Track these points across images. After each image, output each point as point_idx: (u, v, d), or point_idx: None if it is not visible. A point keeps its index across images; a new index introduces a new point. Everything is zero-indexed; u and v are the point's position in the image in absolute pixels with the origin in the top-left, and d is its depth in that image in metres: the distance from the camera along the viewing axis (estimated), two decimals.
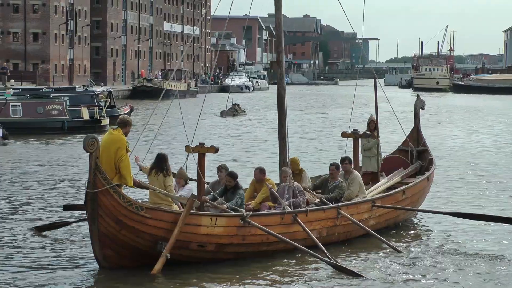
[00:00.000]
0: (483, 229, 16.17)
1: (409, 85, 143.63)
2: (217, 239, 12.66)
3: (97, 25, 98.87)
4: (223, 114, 52.81)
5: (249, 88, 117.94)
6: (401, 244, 14.72)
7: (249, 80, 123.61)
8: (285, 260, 13.17)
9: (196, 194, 13.24)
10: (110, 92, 48.46)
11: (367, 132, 17.05)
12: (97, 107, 42.03)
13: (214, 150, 13.78)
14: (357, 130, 16.90)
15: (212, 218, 12.62)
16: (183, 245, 12.42)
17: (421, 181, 16.73)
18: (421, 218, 17.24)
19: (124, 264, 12.36)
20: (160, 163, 13.07)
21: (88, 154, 11.74)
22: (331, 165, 15.48)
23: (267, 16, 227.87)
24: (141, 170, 13.69)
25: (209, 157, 14.23)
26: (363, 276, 12.33)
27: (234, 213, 12.96)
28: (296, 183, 14.31)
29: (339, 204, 14.42)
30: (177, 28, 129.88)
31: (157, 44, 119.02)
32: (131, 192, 14.17)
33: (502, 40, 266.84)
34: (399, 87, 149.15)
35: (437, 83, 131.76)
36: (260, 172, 14.69)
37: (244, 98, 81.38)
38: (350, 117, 19.22)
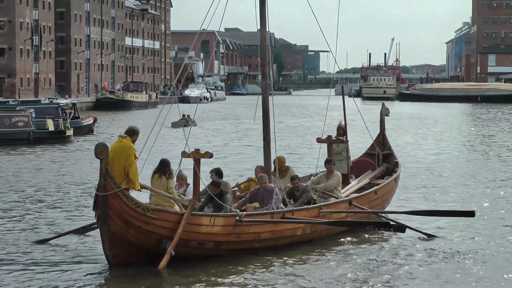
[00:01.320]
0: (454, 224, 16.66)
1: (358, 94, 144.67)
2: (215, 237, 13.20)
3: (61, 40, 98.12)
4: (174, 125, 50.41)
5: (207, 99, 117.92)
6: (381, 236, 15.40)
7: (207, 91, 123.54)
8: (272, 256, 13.67)
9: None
10: (74, 104, 48.12)
11: (340, 137, 17.60)
12: (61, 119, 41.69)
13: (209, 155, 14.08)
14: (331, 136, 17.45)
15: (211, 218, 13.17)
16: (185, 243, 12.89)
17: (390, 182, 17.45)
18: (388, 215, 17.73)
19: (131, 261, 12.74)
20: (163, 168, 13.46)
21: (98, 160, 12.14)
22: (292, 180, 15.53)
23: (224, 30, 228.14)
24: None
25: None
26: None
27: (230, 213, 13.47)
28: (274, 185, 14.60)
29: (321, 204, 15.06)
30: (138, 42, 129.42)
31: (119, 57, 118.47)
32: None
33: (444, 51, 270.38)
34: (349, 96, 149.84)
35: (384, 92, 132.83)
36: (261, 170, 15.23)
37: (203, 108, 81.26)
38: (324, 124, 19.48)
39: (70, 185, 23.26)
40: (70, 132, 41.16)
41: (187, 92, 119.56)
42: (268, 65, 16.84)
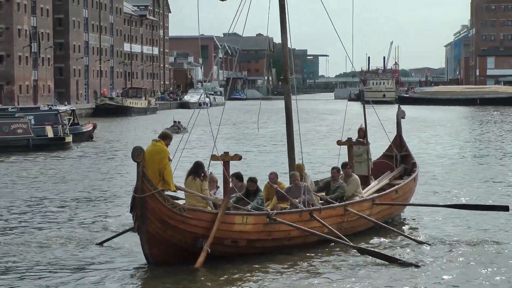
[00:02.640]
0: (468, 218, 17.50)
1: (357, 98, 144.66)
2: (247, 235, 13.64)
3: (60, 46, 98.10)
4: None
5: (206, 104, 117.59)
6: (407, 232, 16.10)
7: (207, 97, 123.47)
8: (305, 253, 14.15)
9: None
10: (73, 111, 48.04)
11: (361, 140, 17.93)
12: (61, 125, 41.59)
13: (238, 158, 14.34)
14: (351, 138, 17.83)
15: (244, 216, 13.62)
16: (218, 241, 13.27)
17: (410, 182, 17.98)
18: (409, 214, 18.38)
19: (168, 261, 13.14)
20: (197, 169, 13.95)
21: (136, 163, 12.55)
22: (332, 168, 16.46)
23: (222, 35, 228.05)
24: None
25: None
26: (393, 258, 13.49)
27: (262, 212, 13.93)
28: (305, 184, 15.17)
29: (346, 202, 15.64)
30: (136, 48, 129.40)
31: (117, 64, 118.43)
32: None
33: (443, 55, 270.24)
34: (348, 100, 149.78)
35: (384, 95, 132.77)
36: (275, 176, 15.57)
37: (203, 113, 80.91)
38: (343, 127, 19.75)
39: (69, 192, 23.16)
40: (69, 139, 41.04)
41: (186, 97, 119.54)
42: (288, 71, 17.20)
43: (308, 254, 14.06)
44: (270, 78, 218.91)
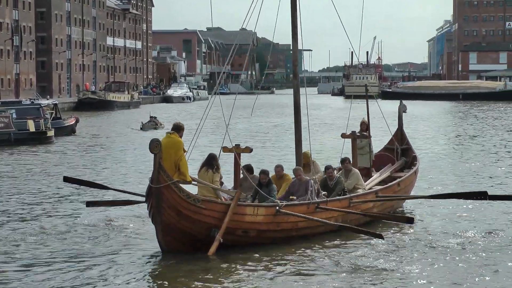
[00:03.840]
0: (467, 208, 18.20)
1: (340, 92, 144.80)
2: (258, 226, 14.13)
3: (42, 40, 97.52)
4: (144, 127, 49.19)
5: (190, 98, 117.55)
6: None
7: (190, 91, 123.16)
8: (312, 243, 14.64)
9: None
10: (55, 105, 47.71)
11: (364, 133, 18.38)
12: (43, 119, 41.26)
13: (249, 150, 15.04)
14: (355, 131, 18.23)
15: (254, 208, 14.15)
16: (231, 231, 13.77)
17: (411, 175, 18.44)
18: (410, 207, 18.73)
19: (181, 249, 13.60)
20: (210, 161, 14.42)
21: (153, 155, 12.96)
22: (326, 169, 16.60)
23: (206, 30, 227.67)
24: None
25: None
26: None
27: (271, 203, 14.38)
28: (308, 178, 15.37)
29: (351, 195, 16.05)
30: (119, 42, 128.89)
31: (100, 58, 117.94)
32: None
33: (426, 49, 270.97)
34: (332, 95, 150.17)
35: (367, 90, 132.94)
36: (281, 169, 15.99)
37: (187, 106, 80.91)
38: (348, 121, 19.86)
39: (51, 185, 22.98)
40: (51, 133, 40.74)
41: (169, 92, 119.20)
42: (297, 66, 17.37)
43: (314, 244, 14.53)
44: (254, 73, 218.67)
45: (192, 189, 14.33)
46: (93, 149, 37.40)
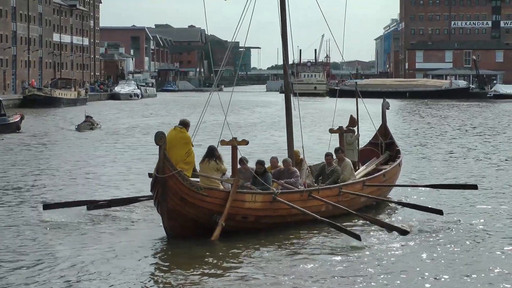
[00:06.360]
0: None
1: None
2: (255, 212, 15.15)
3: None
4: (79, 128, 46.12)
5: (137, 96, 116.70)
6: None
7: (138, 88, 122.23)
8: (305, 229, 15.64)
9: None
10: (0, 102, 46.88)
11: (351, 128, 19.62)
12: None
13: (245, 143, 16.60)
14: (342, 127, 19.60)
15: (252, 195, 15.17)
16: (231, 217, 14.74)
17: (395, 167, 19.80)
18: (395, 195, 20.00)
19: (186, 234, 14.51)
20: (211, 153, 15.38)
21: (158, 146, 13.88)
22: (326, 155, 17.89)
23: (154, 26, 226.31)
24: None
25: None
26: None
27: (268, 191, 15.43)
28: (294, 169, 16.72)
29: (340, 184, 17.16)
30: (66, 38, 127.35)
31: (47, 54, 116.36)
32: None
33: (373, 48, 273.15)
34: (280, 92, 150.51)
35: (315, 88, 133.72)
36: (277, 160, 17.15)
37: (134, 104, 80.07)
38: (334, 117, 21.25)
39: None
40: None
41: (117, 88, 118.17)
42: (286, 63, 18.25)
43: (307, 230, 15.49)
44: (202, 70, 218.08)
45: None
46: (38, 146, 36.79)
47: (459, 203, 18.99)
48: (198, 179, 15.20)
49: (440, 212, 16.49)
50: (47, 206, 17.06)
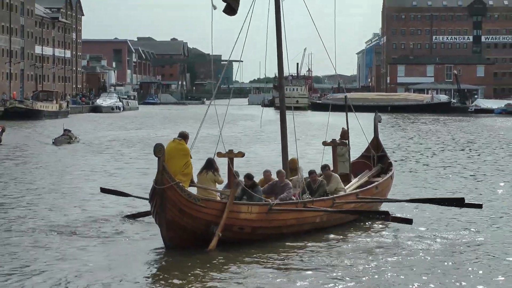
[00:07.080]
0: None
1: (271, 103, 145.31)
2: (251, 223, 15.33)
3: None
4: (56, 142, 44.68)
5: (119, 108, 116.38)
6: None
7: (120, 101, 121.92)
8: (300, 240, 15.92)
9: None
10: None
11: (344, 141, 19.88)
12: None
13: (241, 155, 16.89)
14: (335, 139, 19.85)
15: (249, 206, 15.35)
16: (227, 228, 14.91)
17: (387, 179, 19.99)
18: (387, 208, 19.85)
19: (184, 244, 14.66)
20: (210, 165, 15.77)
21: (157, 158, 14.04)
22: (310, 173, 17.91)
23: (136, 39, 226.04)
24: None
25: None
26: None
27: (264, 202, 15.69)
28: (287, 181, 16.84)
29: (334, 195, 17.39)
30: (48, 51, 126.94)
31: (28, 66, 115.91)
32: None
33: (355, 62, 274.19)
34: (262, 106, 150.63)
35: (297, 101, 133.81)
36: (270, 174, 17.39)
37: (116, 116, 79.67)
38: (326, 131, 21.00)
39: None
40: None
41: (98, 101, 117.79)
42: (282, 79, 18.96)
43: (302, 241, 15.76)
44: (184, 83, 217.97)
45: (192, 190, 15.40)
46: (19, 158, 36.53)
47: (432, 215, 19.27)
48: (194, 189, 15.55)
49: (410, 222, 16.83)
50: (103, 190, 19.15)
